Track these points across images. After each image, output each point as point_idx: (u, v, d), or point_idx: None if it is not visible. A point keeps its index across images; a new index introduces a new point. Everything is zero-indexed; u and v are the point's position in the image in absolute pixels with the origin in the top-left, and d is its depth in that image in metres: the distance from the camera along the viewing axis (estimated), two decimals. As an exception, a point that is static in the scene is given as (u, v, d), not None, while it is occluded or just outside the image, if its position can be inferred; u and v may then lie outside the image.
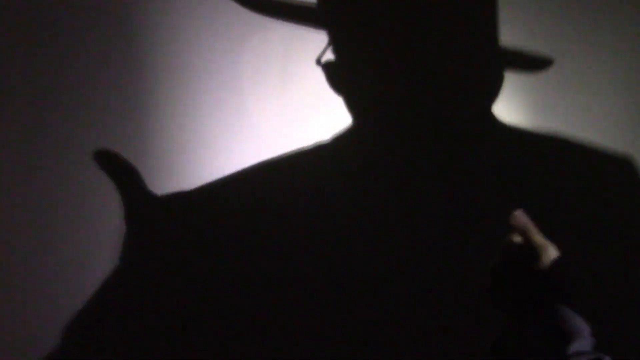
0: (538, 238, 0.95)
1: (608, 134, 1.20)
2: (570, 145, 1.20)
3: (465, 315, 1.16)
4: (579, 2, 1.21)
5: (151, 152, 1.20)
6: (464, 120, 1.19)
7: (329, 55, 1.20)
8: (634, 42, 1.21)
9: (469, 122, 1.19)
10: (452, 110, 1.18)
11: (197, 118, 1.21)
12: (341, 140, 1.21)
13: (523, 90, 1.20)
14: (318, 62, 1.19)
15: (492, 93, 1.19)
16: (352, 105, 1.20)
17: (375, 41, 1.18)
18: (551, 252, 0.94)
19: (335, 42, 1.19)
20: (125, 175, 1.18)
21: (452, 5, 1.17)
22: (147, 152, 1.20)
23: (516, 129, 1.20)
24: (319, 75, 1.20)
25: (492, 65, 1.19)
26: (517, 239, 0.95)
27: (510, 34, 1.19)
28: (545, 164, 1.20)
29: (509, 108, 1.20)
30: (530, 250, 0.94)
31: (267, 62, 1.21)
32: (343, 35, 1.19)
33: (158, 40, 1.20)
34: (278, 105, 1.21)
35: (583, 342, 0.87)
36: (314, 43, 1.20)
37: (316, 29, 1.20)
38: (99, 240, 1.19)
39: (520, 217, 0.96)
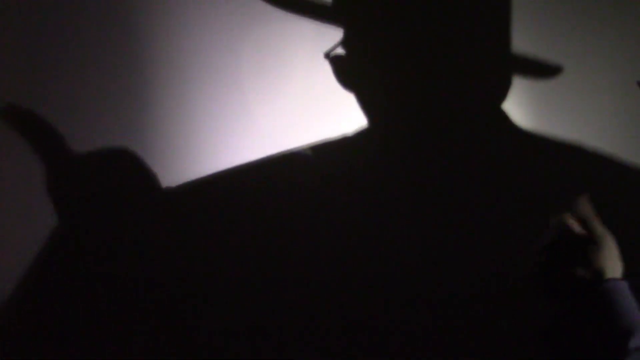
0: (600, 227, 0.92)
1: (613, 137, 1.19)
2: (577, 150, 1.19)
3: (468, 316, 1.16)
4: (586, 6, 1.19)
5: (148, 150, 1.19)
6: (472, 120, 1.18)
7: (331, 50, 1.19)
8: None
9: (477, 122, 1.19)
10: (460, 109, 1.18)
11: (195, 114, 1.20)
12: (348, 137, 1.20)
13: (529, 93, 1.20)
14: (327, 56, 1.17)
15: (501, 94, 1.18)
16: (360, 101, 1.19)
17: (387, 39, 1.18)
18: (610, 244, 0.91)
19: (346, 38, 1.18)
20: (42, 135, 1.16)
21: (465, 7, 1.17)
22: (144, 149, 1.19)
23: (523, 130, 1.20)
24: (322, 70, 1.19)
25: (502, 67, 1.19)
26: (573, 223, 0.92)
27: (519, 38, 1.18)
28: (552, 166, 1.19)
29: (515, 110, 1.20)
30: (588, 238, 0.91)
31: (269, 55, 1.20)
32: (354, 30, 1.18)
33: (154, 33, 1.20)
34: (280, 101, 1.20)
35: None
36: (317, 36, 1.19)
37: (321, 22, 1.19)
38: (103, 238, 1.18)
39: (586, 203, 0.93)
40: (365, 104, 1.20)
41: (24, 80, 1.19)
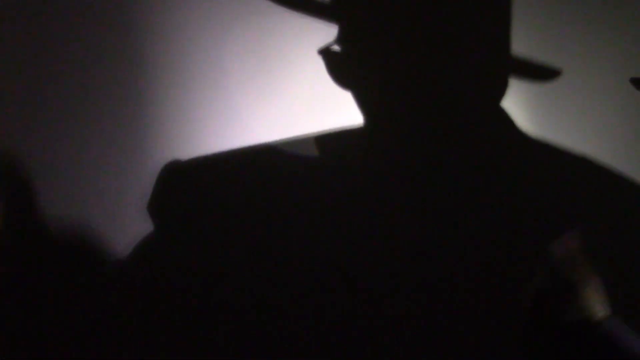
0: (586, 265, 0.91)
1: (612, 137, 1.19)
2: (575, 153, 1.19)
3: (466, 317, 1.15)
4: (585, 8, 1.19)
5: (144, 148, 1.18)
6: (470, 119, 1.17)
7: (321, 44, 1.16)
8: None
9: (475, 121, 1.17)
10: (458, 108, 1.16)
11: (177, 116, 1.16)
12: (343, 136, 1.19)
13: (527, 93, 1.21)
14: (321, 52, 1.14)
15: (499, 93, 1.17)
16: (355, 99, 1.17)
17: (385, 36, 1.15)
18: (596, 281, 0.90)
19: (341, 34, 1.15)
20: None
21: (464, 5, 1.15)
22: (141, 147, 1.18)
23: (522, 130, 1.19)
24: (315, 68, 1.16)
25: (501, 65, 1.17)
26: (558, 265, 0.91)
27: (519, 37, 1.17)
28: (551, 168, 1.18)
29: (513, 109, 1.19)
30: (574, 278, 0.90)
31: (256, 52, 1.17)
32: (350, 27, 1.16)
33: (150, 29, 1.17)
34: (269, 102, 1.18)
35: None
36: (308, 30, 1.16)
37: (317, 19, 1.16)
38: (103, 238, 1.16)
39: (574, 239, 0.93)
40: (360, 103, 1.19)
41: (23, 79, 1.16)
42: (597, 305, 0.89)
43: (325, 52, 1.15)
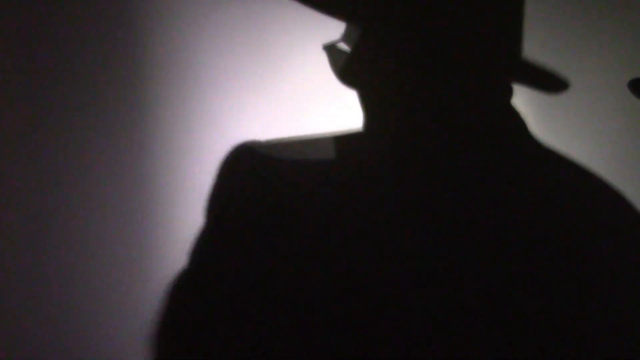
0: None
1: (614, 143, 1.20)
2: (575, 158, 1.19)
3: (467, 317, 1.15)
4: (594, 12, 1.20)
5: (143, 148, 1.16)
6: (476, 120, 1.17)
7: (322, 41, 1.14)
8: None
9: (480, 122, 1.18)
10: (463, 111, 1.17)
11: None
12: (343, 136, 1.18)
13: (531, 97, 1.20)
14: (326, 48, 1.13)
15: (507, 95, 1.18)
16: (359, 98, 1.17)
17: (393, 36, 1.15)
18: None
19: (349, 31, 1.15)
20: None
21: (472, 6, 1.15)
22: (139, 147, 1.16)
23: (527, 135, 1.19)
24: (319, 65, 1.15)
25: (508, 68, 1.18)
26: None
27: (527, 43, 1.18)
28: (552, 171, 1.19)
29: (519, 110, 1.19)
30: None
31: (258, 48, 1.15)
32: (359, 24, 1.15)
33: (148, 26, 1.15)
34: (271, 100, 1.15)
35: None
36: (313, 25, 1.13)
37: (323, 14, 1.15)
38: (100, 241, 1.15)
39: None
40: (364, 102, 1.19)
41: (23, 78, 1.15)
42: None
43: (331, 49, 1.15)
